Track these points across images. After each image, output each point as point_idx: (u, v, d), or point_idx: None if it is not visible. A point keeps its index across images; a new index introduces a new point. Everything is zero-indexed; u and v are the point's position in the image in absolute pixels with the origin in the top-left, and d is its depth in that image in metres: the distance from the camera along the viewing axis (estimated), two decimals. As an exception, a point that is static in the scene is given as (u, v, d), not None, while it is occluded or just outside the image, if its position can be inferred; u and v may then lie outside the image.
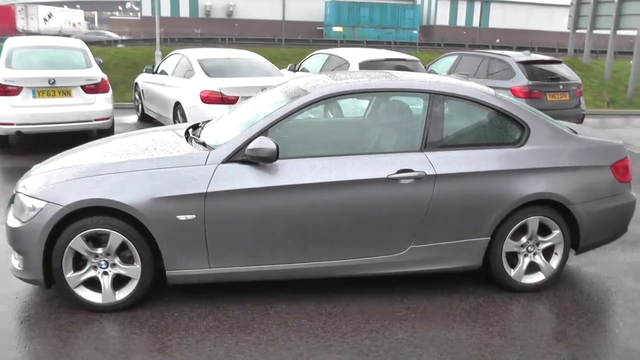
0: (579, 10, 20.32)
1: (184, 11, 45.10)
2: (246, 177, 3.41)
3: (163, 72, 9.17)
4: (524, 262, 3.91)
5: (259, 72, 8.22)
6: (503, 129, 3.88)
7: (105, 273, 3.46)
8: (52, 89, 7.10)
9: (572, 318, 3.67)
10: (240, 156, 3.43)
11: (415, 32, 48.63)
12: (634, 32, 17.29)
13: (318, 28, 45.80)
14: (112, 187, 3.34)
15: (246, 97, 7.44)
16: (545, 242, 3.91)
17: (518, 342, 3.34)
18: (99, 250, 3.41)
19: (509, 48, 28.27)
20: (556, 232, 3.88)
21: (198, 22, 43.00)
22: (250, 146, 3.36)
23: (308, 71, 10.23)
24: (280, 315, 3.51)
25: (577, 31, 20.41)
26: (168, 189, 3.35)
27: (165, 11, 45.03)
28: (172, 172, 3.41)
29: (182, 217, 3.36)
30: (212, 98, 7.45)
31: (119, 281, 3.49)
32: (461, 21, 50.74)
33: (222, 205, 3.38)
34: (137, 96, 10.30)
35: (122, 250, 3.43)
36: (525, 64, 8.99)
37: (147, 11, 45.63)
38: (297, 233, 3.51)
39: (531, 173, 3.76)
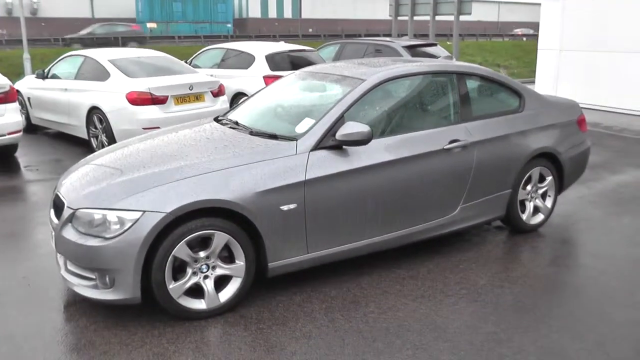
0: None
1: (-18, 9, 39.10)
2: (336, 162, 3.57)
3: (55, 77, 8.27)
4: (530, 206, 4.69)
5: (175, 70, 7.92)
6: (508, 98, 4.57)
7: (206, 277, 3.35)
8: (-43, 103, 6.04)
9: (582, 242, 4.59)
10: (328, 142, 3.57)
11: (229, 25, 48.77)
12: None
13: (131, 25, 43.29)
14: (214, 187, 3.25)
15: (174, 96, 7.24)
16: (542, 188, 4.72)
17: (565, 267, 4.09)
18: (201, 254, 3.29)
19: (337, 37, 30.21)
20: (549, 178, 4.72)
21: (0, 22, 37.60)
22: (344, 131, 3.52)
23: (199, 67, 10.03)
24: (376, 286, 3.75)
25: (399, 18, 22.57)
26: (270, 181, 3.37)
27: (-40, 10, 38.62)
28: (268, 164, 3.42)
29: (285, 207, 3.40)
30: (141, 99, 7.04)
31: (218, 283, 3.41)
32: (272, 13, 52.14)
33: (319, 190, 3.50)
34: (16, 106, 9.04)
35: (221, 251, 3.36)
36: (410, 47, 10.01)
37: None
38: (380, 208, 3.77)
39: (533, 132, 4.51)
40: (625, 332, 3.24)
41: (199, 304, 3.33)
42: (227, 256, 3.38)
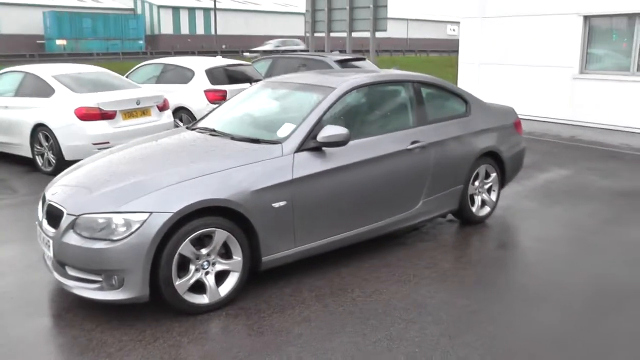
0: (314, 16, 23.06)
1: None
2: (317, 162, 3.91)
3: (-14, 94, 7.98)
4: (478, 200, 5.26)
5: (118, 85, 7.91)
6: (456, 104, 5.13)
7: (207, 273, 3.55)
8: None
9: (524, 229, 5.21)
10: (310, 145, 3.90)
11: (140, 42, 48.05)
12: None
13: (38, 42, 41.28)
14: (215, 187, 3.49)
15: (122, 110, 7.25)
16: (488, 183, 5.32)
17: (512, 249, 4.68)
18: (203, 251, 3.50)
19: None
20: (493, 174, 5.33)
21: None
22: (325, 134, 3.86)
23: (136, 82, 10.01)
24: (356, 275, 4.12)
25: (315, 34, 22.95)
26: (262, 180, 3.65)
27: None
28: (259, 165, 3.70)
29: (276, 205, 3.69)
30: (89, 114, 7.01)
31: (217, 279, 3.61)
32: (185, 29, 51.74)
33: (304, 188, 3.83)
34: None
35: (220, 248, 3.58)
36: (341, 62, 10.57)
37: None
38: (355, 203, 4.15)
39: (480, 134, 5.10)
40: (573, 296, 3.81)
41: (202, 299, 3.54)
42: (225, 252, 3.62)
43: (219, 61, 9.85)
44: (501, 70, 11.12)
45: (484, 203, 5.31)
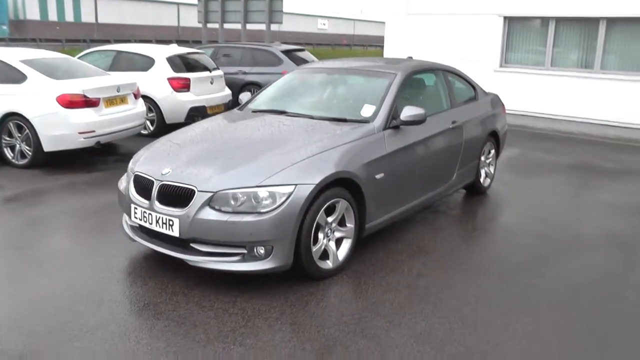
0: (207, 6, 22.54)
1: None
2: (398, 139, 4.38)
3: None
4: (483, 173, 6.06)
5: (86, 72, 7.50)
6: (468, 90, 5.86)
7: (329, 240, 3.86)
8: None
9: (517, 194, 6.10)
10: (392, 123, 4.35)
11: (4, 27, 43.66)
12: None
13: None
14: (339, 162, 3.80)
15: (105, 98, 6.99)
16: (489, 158, 6.15)
17: (523, 208, 5.53)
18: (329, 220, 3.80)
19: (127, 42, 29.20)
20: (492, 151, 6.16)
21: None
22: (407, 113, 4.33)
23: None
24: (422, 239, 4.69)
25: (209, 25, 22.36)
26: (368, 155, 4.04)
27: None
28: (362, 141, 4.08)
29: (377, 176, 4.10)
30: (75, 102, 6.65)
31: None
32: (53, 16, 47.64)
33: (393, 162, 4.28)
34: None
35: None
36: (286, 52, 10.97)
37: None
38: (422, 175, 4.69)
39: (487, 116, 5.89)
40: (595, 242, 4.71)
41: (327, 265, 3.84)
42: (339, 221, 3.94)
43: (176, 49, 9.68)
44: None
45: (486, 175, 6.13)
